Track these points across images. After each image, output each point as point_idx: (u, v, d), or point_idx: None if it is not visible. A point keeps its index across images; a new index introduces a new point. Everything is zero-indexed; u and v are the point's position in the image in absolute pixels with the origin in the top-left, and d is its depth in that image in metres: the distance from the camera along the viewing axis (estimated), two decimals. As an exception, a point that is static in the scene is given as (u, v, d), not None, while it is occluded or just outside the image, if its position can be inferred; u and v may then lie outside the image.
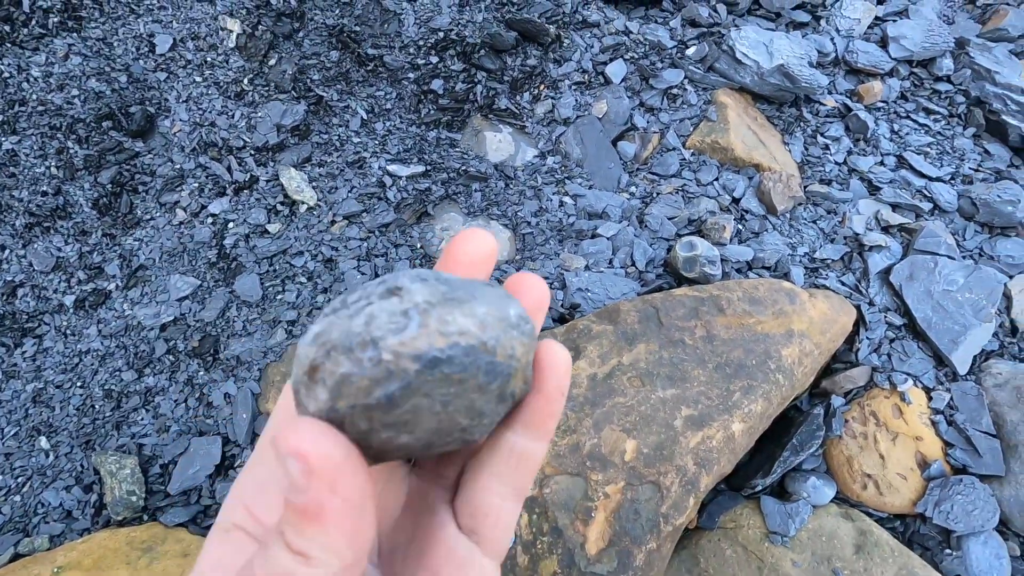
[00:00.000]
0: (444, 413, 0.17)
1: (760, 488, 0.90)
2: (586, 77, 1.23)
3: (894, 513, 0.89)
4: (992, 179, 1.14)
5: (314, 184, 1.07)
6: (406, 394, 0.17)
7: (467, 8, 1.25)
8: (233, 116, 1.11)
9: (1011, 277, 0.99)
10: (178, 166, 1.07)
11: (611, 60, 1.25)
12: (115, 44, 1.12)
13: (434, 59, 1.20)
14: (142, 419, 0.89)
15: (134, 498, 0.81)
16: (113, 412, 0.90)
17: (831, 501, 0.90)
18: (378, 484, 0.23)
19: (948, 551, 0.85)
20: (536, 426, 0.21)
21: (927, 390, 0.92)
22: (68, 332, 0.96)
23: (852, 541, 0.86)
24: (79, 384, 0.92)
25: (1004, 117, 1.17)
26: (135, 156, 1.07)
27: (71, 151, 1.05)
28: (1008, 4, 1.36)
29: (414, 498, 0.23)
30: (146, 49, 1.13)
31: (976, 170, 1.15)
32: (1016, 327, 0.96)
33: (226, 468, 0.86)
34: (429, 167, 1.11)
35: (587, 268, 1.02)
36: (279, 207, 1.05)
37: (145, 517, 0.82)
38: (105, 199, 1.03)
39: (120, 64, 1.11)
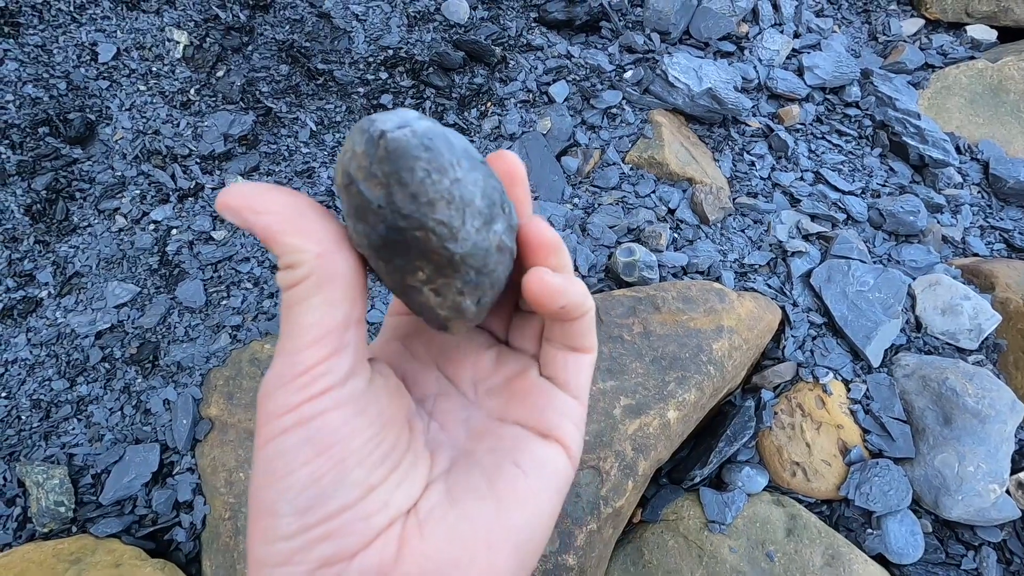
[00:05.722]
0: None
1: (699, 480, 0.95)
2: (531, 96, 1.29)
3: (821, 498, 0.95)
4: (896, 193, 1.26)
5: (262, 192, 1.08)
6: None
7: (416, 28, 1.30)
8: (179, 125, 1.11)
9: (914, 278, 1.10)
10: (119, 173, 1.06)
11: (554, 81, 1.32)
12: (55, 51, 1.11)
13: (384, 75, 1.24)
14: (73, 428, 0.86)
15: (62, 509, 0.77)
16: (41, 422, 0.86)
17: (764, 489, 0.95)
18: (471, 351, 0.28)
19: (870, 530, 0.91)
20: (553, 321, 0.25)
21: (846, 382, 1.00)
22: (-7, 341, 0.92)
23: (784, 526, 0.90)
24: (4, 395, 0.88)
25: (904, 139, 1.30)
26: (73, 163, 1.05)
27: (3, 156, 1.02)
28: (905, 41, 1.52)
29: (508, 360, 0.28)
30: (88, 57, 1.12)
31: (883, 185, 1.27)
32: (920, 323, 1.06)
33: (164, 476, 0.84)
34: (378, 177, 1.13)
35: (532, 273, 1.05)
36: (225, 214, 1.05)
37: (74, 529, 0.78)
38: (39, 205, 1.00)
39: (60, 71, 1.10)
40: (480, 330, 0.28)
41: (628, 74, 1.33)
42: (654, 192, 1.20)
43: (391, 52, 1.26)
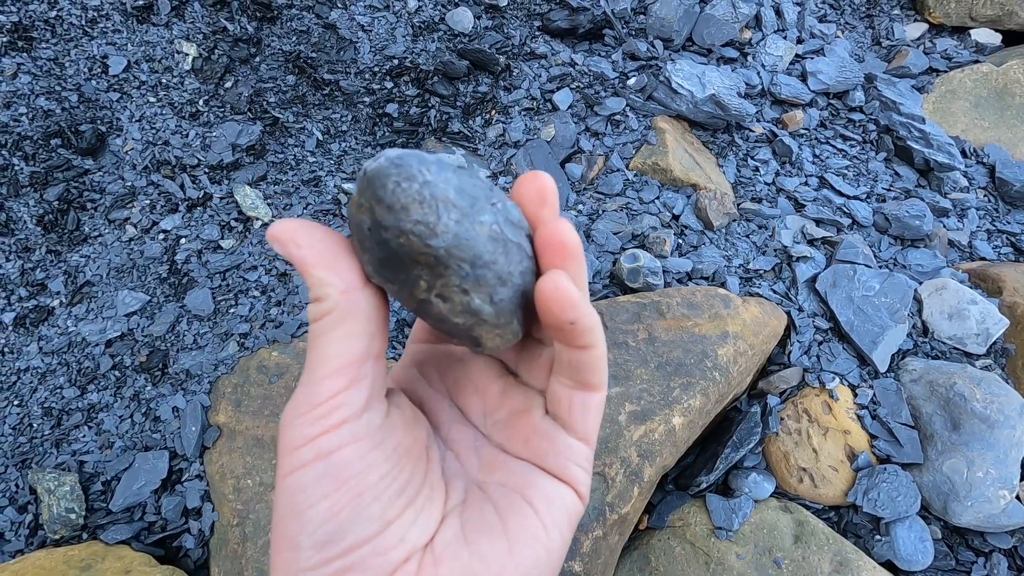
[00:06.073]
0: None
1: (705, 486, 0.94)
2: (535, 104, 1.30)
3: (828, 504, 0.94)
4: (902, 197, 1.25)
5: (269, 201, 1.09)
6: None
7: (421, 38, 1.31)
8: (187, 135, 1.13)
9: (920, 283, 1.09)
10: (129, 183, 1.07)
11: (558, 89, 1.33)
12: (67, 64, 1.13)
13: (389, 84, 1.26)
14: (84, 436, 0.87)
15: (73, 516, 0.78)
16: (53, 430, 0.87)
17: (771, 495, 0.94)
18: (479, 380, 0.28)
19: (878, 537, 0.91)
20: (564, 345, 0.24)
21: (852, 387, 1.00)
22: (6, 350, 0.93)
23: (791, 532, 0.90)
24: (16, 403, 0.89)
25: (909, 143, 1.30)
26: (84, 173, 1.07)
27: (16, 168, 1.04)
28: (909, 46, 1.52)
29: (514, 394, 0.27)
30: (99, 70, 1.14)
31: (888, 189, 1.27)
32: (927, 327, 1.05)
33: (172, 483, 0.84)
34: (384, 186, 1.14)
35: (537, 280, 1.06)
36: (233, 223, 1.06)
37: (85, 536, 0.79)
38: (51, 216, 1.02)
39: (71, 84, 1.12)
40: (491, 359, 0.28)
41: (631, 81, 1.34)
42: (658, 198, 1.21)
43: (396, 62, 1.27)
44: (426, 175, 0.21)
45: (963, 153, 1.35)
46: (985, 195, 1.30)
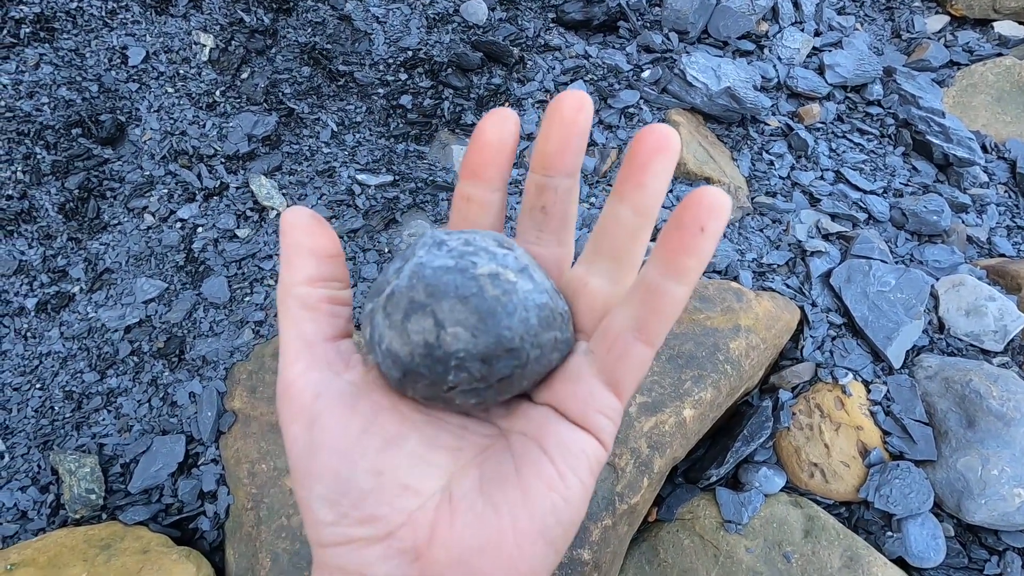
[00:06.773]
0: None
1: (715, 479, 0.94)
2: (548, 96, 1.30)
3: (840, 500, 0.94)
4: (920, 192, 1.24)
5: (284, 191, 1.10)
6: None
7: (435, 30, 1.31)
8: (204, 126, 1.14)
9: (937, 279, 1.08)
10: (148, 173, 1.09)
11: (572, 81, 1.32)
12: (87, 55, 1.14)
13: (403, 76, 1.26)
14: (103, 419, 0.89)
15: (93, 496, 0.80)
16: (73, 413, 0.89)
17: (781, 490, 0.94)
18: None
19: (889, 533, 0.90)
20: (666, 259, 0.21)
21: (866, 383, 0.99)
22: (28, 335, 0.95)
23: (801, 527, 0.90)
24: (38, 386, 0.91)
25: (928, 137, 1.28)
26: (104, 163, 1.08)
27: (38, 157, 1.06)
28: (929, 39, 1.50)
29: None
30: (118, 61, 1.16)
31: (906, 184, 1.25)
32: (943, 324, 1.04)
33: (189, 466, 0.86)
34: (397, 177, 1.15)
35: (549, 272, 1.06)
36: (249, 213, 1.07)
37: (104, 516, 0.81)
38: (72, 204, 1.04)
39: (92, 74, 1.13)
40: None
41: (646, 74, 1.33)
42: (671, 191, 1.20)
43: (410, 53, 1.27)
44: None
45: (984, 148, 1.33)
46: (1006, 191, 1.28)
